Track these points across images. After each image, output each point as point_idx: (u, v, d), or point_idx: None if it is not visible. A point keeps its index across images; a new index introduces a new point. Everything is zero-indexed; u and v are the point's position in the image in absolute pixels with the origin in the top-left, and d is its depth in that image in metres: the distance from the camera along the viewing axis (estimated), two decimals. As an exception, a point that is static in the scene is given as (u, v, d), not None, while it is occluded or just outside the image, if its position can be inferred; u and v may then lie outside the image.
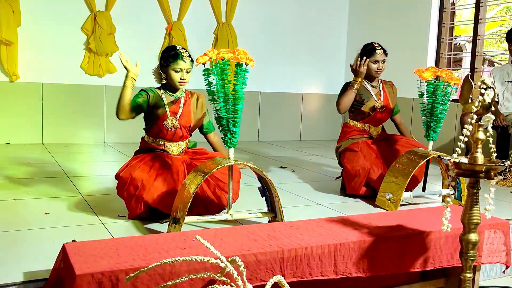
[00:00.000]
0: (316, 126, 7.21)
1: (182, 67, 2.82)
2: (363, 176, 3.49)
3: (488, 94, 2.04)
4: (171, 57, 2.82)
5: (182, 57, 2.81)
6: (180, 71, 2.83)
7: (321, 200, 3.42)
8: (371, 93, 3.70)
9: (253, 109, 6.74)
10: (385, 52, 3.68)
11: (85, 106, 5.75)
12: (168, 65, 2.83)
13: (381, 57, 3.64)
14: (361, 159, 3.52)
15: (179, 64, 2.81)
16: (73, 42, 5.63)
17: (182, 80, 2.85)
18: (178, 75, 2.83)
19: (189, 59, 2.85)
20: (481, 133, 2.07)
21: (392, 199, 3.26)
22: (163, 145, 2.96)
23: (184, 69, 2.83)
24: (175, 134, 2.94)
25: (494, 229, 2.63)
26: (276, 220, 2.76)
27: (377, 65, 3.64)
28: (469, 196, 2.11)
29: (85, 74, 5.72)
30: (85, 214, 2.86)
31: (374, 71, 3.66)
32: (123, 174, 2.79)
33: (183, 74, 2.83)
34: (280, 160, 5.11)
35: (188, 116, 2.96)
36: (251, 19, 6.56)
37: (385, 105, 3.74)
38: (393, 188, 3.28)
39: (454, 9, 6.10)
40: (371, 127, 3.76)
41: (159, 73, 2.91)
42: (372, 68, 3.65)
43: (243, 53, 2.59)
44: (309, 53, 6.98)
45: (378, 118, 3.74)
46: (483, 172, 2.02)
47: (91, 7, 5.59)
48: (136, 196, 2.70)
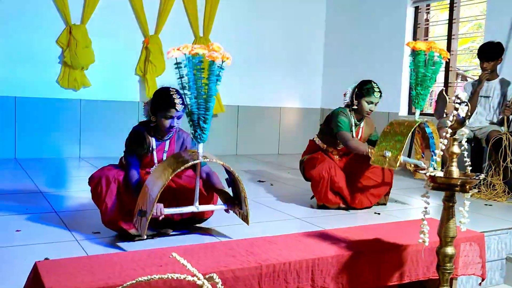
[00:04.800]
0: (294, 140, 7.23)
1: (174, 115, 2.74)
2: (327, 178, 3.49)
3: (463, 109, 2.07)
4: (163, 104, 2.72)
5: (175, 105, 2.71)
6: (171, 118, 2.75)
7: (300, 214, 3.41)
8: (351, 128, 3.67)
9: (232, 123, 6.73)
10: (381, 95, 3.65)
11: (59, 120, 5.65)
12: (159, 112, 2.74)
13: (376, 100, 3.60)
14: (322, 163, 3.54)
15: (171, 112, 2.72)
16: (48, 55, 5.55)
17: (171, 127, 2.78)
18: (168, 122, 2.76)
19: (181, 107, 2.73)
20: (456, 147, 2.10)
21: (390, 158, 3.27)
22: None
23: (175, 116, 2.76)
24: None
25: (470, 242, 2.66)
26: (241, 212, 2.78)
27: (371, 106, 3.60)
28: (445, 210, 2.13)
29: (60, 87, 5.63)
30: (58, 231, 2.79)
31: (366, 111, 3.62)
32: (95, 173, 2.76)
33: (173, 121, 2.76)
34: (258, 174, 5.10)
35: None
36: (229, 33, 6.58)
37: None
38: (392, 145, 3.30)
39: (428, 25, 6.23)
40: (335, 151, 3.77)
41: (149, 114, 2.81)
42: (365, 108, 3.60)
43: (218, 48, 2.59)
44: (287, 67, 7.03)
45: (344, 151, 3.74)
46: (458, 185, 2.05)
47: (67, 20, 5.53)
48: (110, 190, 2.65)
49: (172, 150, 2.89)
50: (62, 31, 5.54)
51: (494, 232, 3.11)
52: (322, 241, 2.42)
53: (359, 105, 3.61)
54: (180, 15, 6.19)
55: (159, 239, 2.68)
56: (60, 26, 5.55)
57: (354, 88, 3.68)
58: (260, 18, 6.79)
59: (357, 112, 3.67)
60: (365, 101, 3.59)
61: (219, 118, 6.59)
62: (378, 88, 3.62)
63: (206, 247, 2.27)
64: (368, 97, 3.58)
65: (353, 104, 3.65)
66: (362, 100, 3.60)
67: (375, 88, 3.59)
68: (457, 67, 6.38)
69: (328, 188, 3.52)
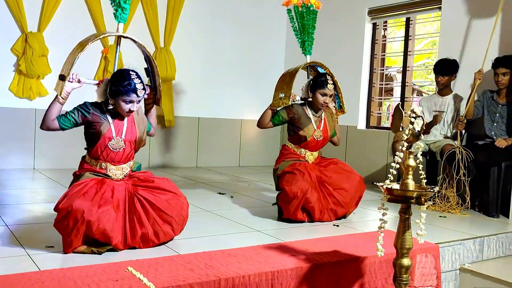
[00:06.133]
0: (255, 152, 7.25)
1: (134, 99, 2.68)
2: (301, 198, 3.49)
3: (418, 122, 2.13)
4: (124, 87, 2.65)
5: (136, 91, 2.66)
6: (130, 103, 2.69)
7: (259, 226, 3.40)
8: (311, 120, 3.78)
9: (192, 134, 6.69)
10: (335, 88, 3.77)
11: (13, 130, 5.46)
12: (119, 95, 2.66)
13: (330, 92, 3.70)
14: (299, 181, 3.52)
15: (131, 97, 2.66)
16: (1, 63, 5.37)
17: (130, 111, 2.72)
18: (128, 106, 2.69)
19: (142, 92, 2.69)
20: (411, 160, 2.15)
21: (284, 97, 3.70)
22: (106, 168, 2.77)
23: (135, 101, 2.69)
24: (120, 155, 2.77)
25: (426, 253, 2.72)
26: (156, 97, 2.95)
27: (325, 98, 3.70)
28: (401, 222, 2.17)
29: (14, 96, 5.45)
30: (9, 245, 2.67)
31: (320, 103, 3.72)
32: (62, 205, 2.53)
33: (133, 106, 2.70)
34: (218, 186, 5.07)
35: (133, 130, 2.81)
36: (190, 44, 6.56)
37: (323, 134, 3.82)
38: (284, 89, 3.74)
39: (385, 41, 6.40)
40: (308, 152, 3.82)
41: (106, 96, 2.72)
42: (319, 100, 3.71)
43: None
44: (248, 79, 7.06)
45: (314, 145, 3.82)
46: (414, 198, 2.09)
47: (23, 27, 5.37)
48: (77, 228, 2.48)
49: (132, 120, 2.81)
50: (18, 38, 5.38)
51: (448, 244, 3.20)
52: (282, 254, 2.42)
53: (314, 97, 3.74)
54: (140, 25, 6.13)
55: (115, 252, 2.61)
56: (15, 33, 5.38)
57: (309, 81, 3.82)
58: (221, 30, 6.81)
59: (313, 105, 3.79)
60: (319, 93, 3.71)
61: (179, 130, 6.54)
62: (332, 80, 3.74)
63: (164, 260, 2.23)
64: (322, 89, 3.69)
65: (308, 97, 3.77)
66: (316, 93, 3.72)
67: (329, 80, 3.71)
68: (413, 82, 6.58)
69: (299, 207, 3.53)
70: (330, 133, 3.89)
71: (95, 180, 2.71)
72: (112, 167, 2.78)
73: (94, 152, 2.76)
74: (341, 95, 3.95)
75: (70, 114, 2.72)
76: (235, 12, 6.92)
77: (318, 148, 3.88)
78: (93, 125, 2.72)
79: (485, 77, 4.51)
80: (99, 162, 2.77)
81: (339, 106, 3.98)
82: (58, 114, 2.70)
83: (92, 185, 2.64)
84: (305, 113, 3.79)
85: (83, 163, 2.84)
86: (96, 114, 2.73)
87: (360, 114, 6.26)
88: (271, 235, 3.19)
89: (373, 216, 4.04)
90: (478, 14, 4.97)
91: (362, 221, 3.83)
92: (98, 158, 2.77)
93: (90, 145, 2.78)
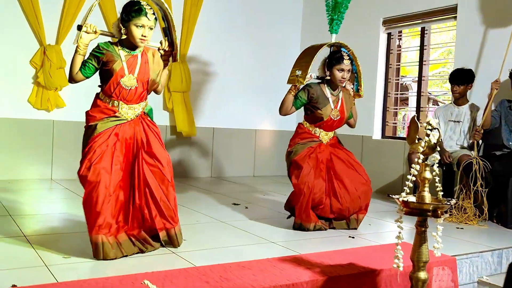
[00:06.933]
0: (269, 162, 7.25)
1: (145, 24, 2.71)
2: (308, 195, 3.55)
3: (434, 134, 2.12)
4: (134, 11, 2.69)
5: (146, 13, 2.71)
6: (142, 27, 2.72)
7: (274, 238, 3.40)
8: (329, 100, 3.76)
9: (207, 144, 6.72)
10: (352, 62, 3.77)
11: (31, 141, 5.54)
12: (130, 19, 2.70)
13: (347, 67, 3.69)
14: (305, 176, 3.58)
15: (142, 20, 2.70)
16: (20, 76, 5.47)
17: (143, 37, 2.74)
18: (140, 31, 2.71)
19: (153, 17, 2.75)
20: (427, 172, 2.14)
21: (301, 76, 3.66)
22: (118, 106, 2.80)
23: (146, 26, 2.72)
24: (132, 93, 2.80)
25: (442, 266, 2.69)
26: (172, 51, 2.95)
27: (342, 73, 3.69)
28: (418, 235, 2.16)
29: (32, 108, 5.54)
30: (27, 256, 2.71)
31: (338, 79, 3.71)
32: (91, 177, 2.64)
33: (145, 31, 2.73)
34: (233, 197, 5.08)
35: (146, 70, 2.84)
36: (205, 55, 6.62)
37: (340, 114, 3.80)
38: (301, 66, 3.71)
39: (400, 51, 6.38)
40: (323, 132, 3.81)
41: (118, 27, 2.76)
42: (337, 76, 3.70)
43: None
44: (262, 89, 7.08)
45: (330, 124, 3.81)
46: (430, 211, 2.07)
47: (41, 40, 5.47)
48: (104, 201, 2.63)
49: (145, 60, 2.84)
50: (36, 51, 5.48)
51: (466, 256, 3.15)
52: (297, 266, 2.41)
53: (332, 74, 3.71)
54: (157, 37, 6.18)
55: (130, 263, 2.62)
56: (34, 46, 5.48)
57: (325, 59, 3.80)
58: (236, 40, 6.85)
59: (332, 83, 3.77)
60: (336, 70, 3.69)
61: (194, 140, 6.58)
62: (348, 55, 3.73)
63: (179, 272, 2.24)
64: (338, 65, 3.68)
65: (326, 75, 3.75)
66: (333, 69, 3.70)
67: (344, 56, 3.69)
68: (429, 92, 6.54)
69: (309, 205, 3.56)
70: (347, 114, 3.87)
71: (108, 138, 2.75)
72: (124, 105, 2.82)
73: (107, 89, 2.81)
74: (360, 78, 3.95)
75: (88, 61, 2.80)
76: (250, 24, 6.97)
77: (334, 129, 3.88)
78: (107, 63, 2.78)
79: (502, 87, 4.47)
80: (112, 99, 2.81)
81: (356, 90, 3.98)
82: (80, 65, 2.79)
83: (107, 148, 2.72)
84: (323, 93, 3.77)
85: (96, 99, 2.88)
86: (110, 52, 2.78)
87: (376, 124, 6.23)
88: (286, 246, 3.18)
89: (388, 227, 4.01)
90: (495, 23, 4.94)
91: (378, 232, 3.80)
92: (111, 96, 2.81)
93: (104, 83, 2.83)
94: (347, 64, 3.68)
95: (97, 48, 2.80)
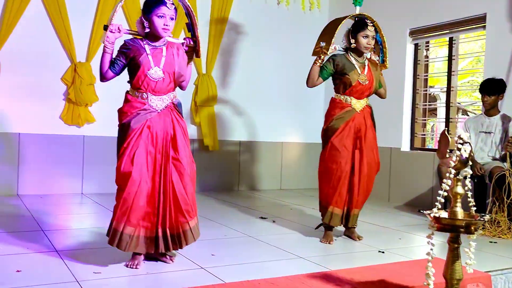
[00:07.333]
0: (296, 175, 7.22)
1: (166, 13, 2.80)
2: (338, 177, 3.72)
3: (465, 149, 2.08)
4: (154, 2, 2.81)
5: (166, 3, 2.80)
6: (163, 17, 2.81)
7: (303, 253, 3.37)
8: (354, 66, 3.80)
9: (233, 158, 6.74)
10: (376, 29, 3.82)
11: (63, 156, 5.67)
12: (151, 11, 2.81)
13: (371, 33, 3.75)
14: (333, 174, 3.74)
15: (162, 10, 2.79)
16: (52, 92, 5.61)
17: (165, 27, 2.83)
18: (162, 21, 2.81)
19: (172, 6, 2.84)
20: (459, 187, 2.10)
21: (325, 47, 3.73)
22: (147, 98, 2.89)
23: (167, 15, 2.81)
24: (159, 84, 2.89)
25: (477, 283, 2.62)
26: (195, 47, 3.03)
27: (367, 40, 3.74)
28: (450, 251, 2.11)
29: (63, 124, 5.67)
30: (59, 271, 2.75)
31: (364, 46, 3.75)
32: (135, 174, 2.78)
33: (166, 20, 2.82)
34: (260, 210, 5.07)
35: (172, 62, 2.92)
36: (231, 69, 6.67)
37: (368, 79, 3.82)
38: (325, 38, 3.78)
39: (427, 62, 6.31)
40: (354, 99, 3.83)
41: (141, 23, 2.88)
42: (362, 42, 3.74)
43: None
44: (288, 102, 7.08)
45: (359, 89, 3.81)
46: (463, 227, 2.03)
47: (72, 58, 5.61)
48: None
49: (171, 53, 2.93)
50: (67, 68, 5.62)
51: (501, 272, 3.06)
52: (327, 283, 2.38)
53: (357, 42, 3.76)
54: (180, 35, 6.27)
55: (159, 278, 2.64)
56: (65, 63, 5.63)
57: (348, 29, 3.85)
58: (261, 53, 6.88)
59: (357, 51, 3.81)
60: (361, 36, 3.73)
61: (220, 154, 6.60)
62: (371, 22, 3.79)
63: (209, 289, 2.24)
64: (363, 31, 3.72)
65: (351, 43, 3.79)
66: (358, 36, 3.75)
67: (368, 22, 3.76)
68: (458, 102, 6.43)
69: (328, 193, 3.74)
70: (375, 82, 3.89)
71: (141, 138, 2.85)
72: (152, 97, 2.90)
73: (135, 83, 2.90)
74: (385, 50, 4.00)
75: (116, 59, 2.92)
76: (276, 36, 6.99)
77: (364, 96, 3.87)
78: (134, 58, 2.88)
79: (534, 97, 4.36)
80: (141, 92, 2.90)
81: (382, 61, 4.03)
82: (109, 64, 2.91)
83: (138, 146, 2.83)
84: (348, 60, 3.82)
85: (126, 95, 2.98)
86: (136, 47, 2.88)
87: (404, 135, 6.15)
88: (316, 262, 3.15)
89: (419, 241, 3.93)
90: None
91: (408, 247, 3.73)
92: (140, 88, 2.90)
93: (132, 77, 2.93)
94: (372, 30, 3.75)
95: (124, 44, 2.92)
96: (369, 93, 3.90)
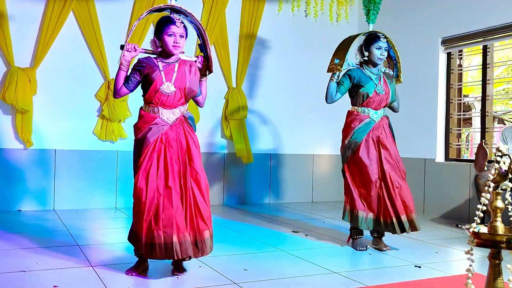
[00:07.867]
0: (327, 187, 7.15)
1: (175, 31, 2.96)
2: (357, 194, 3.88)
3: (504, 161, 2.01)
4: (165, 22, 2.99)
5: (175, 22, 2.98)
6: (173, 35, 2.96)
7: (336, 268, 3.32)
8: (370, 78, 3.89)
9: (264, 171, 6.72)
10: (387, 39, 3.92)
11: (97, 171, 5.77)
12: (162, 31, 2.98)
13: (384, 45, 3.85)
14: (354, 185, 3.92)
15: (172, 28, 2.96)
16: (86, 109, 5.74)
17: (175, 44, 2.98)
18: (172, 39, 2.97)
19: (181, 25, 3.01)
20: (499, 201, 2.03)
21: (339, 64, 3.87)
22: (158, 112, 3.01)
23: (177, 33, 2.97)
24: (170, 99, 3.02)
25: (519, 300, 2.51)
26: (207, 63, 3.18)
27: (380, 51, 3.83)
28: (491, 268, 2.04)
29: (97, 139, 5.79)
30: (94, 287, 2.79)
31: (377, 57, 3.86)
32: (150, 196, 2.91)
33: (176, 38, 2.97)
34: (292, 224, 5.03)
35: (183, 78, 3.04)
36: (261, 82, 6.69)
37: (384, 89, 3.91)
38: (339, 55, 3.92)
39: (461, 71, 6.18)
40: (371, 110, 3.91)
41: (154, 41, 3.05)
42: (375, 53, 3.85)
43: None
44: (319, 114, 7.03)
45: (376, 100, 3.89)
46: (504, 242, 1.96)
47: (105, 75, 5.74)
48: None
49: (182, 69, 3.05)
50: (101, 85, 5.75)
51: (545, 288, 2.94)
52: (362, 299, 2.33)
53: (370, 54, 3.86)
54: (215, 68, 6.32)
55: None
56: (99, 81, 5.76)
57: (361, 45, 3.96)
58: (291, 66, 6.88)
59: (371, 63, 3.91)
60: (375, 48, 3.84)
61: (252, 167, 6.60)
62: (383, 34, 3.90)
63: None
64: (376, 43, 3.84)
65: (364, 56, 3.90)
66: (371, 48, 3.85)
67: (379, 34, 3.88)
68: (494, 111, 6.26)
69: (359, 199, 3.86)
70: (391, 93, 3.96)
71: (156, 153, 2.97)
72: (164, 110, 3.03)
73: (148, 97, 3.04)
74: (399, 64, 4.09)
75: (130, 76, 3.07)
76: (306, 48, 6.99)
77: (382, 106, 3.95)
78: (148, 74, 3.01)
79: None
80: (152, 106, 3.03)
81: (396, 76, 4.12)
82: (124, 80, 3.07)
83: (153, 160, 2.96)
84: (363, 73, 3.92)
85: (140, 111, 3.11)
86: (149, 64, 3.05)
87: (438, 146, 6.02)
88: (350, 277, 3.10)
89: (457, 255, 3.81)
90: None
91: (446, 261, 3.63)
92: (151, 103, 3.03)
93: (145, 92, 3.06)
94: (384, 42, 3.85)
95: (138, 62, 3.07)
96: (386, 104, 3.97)
